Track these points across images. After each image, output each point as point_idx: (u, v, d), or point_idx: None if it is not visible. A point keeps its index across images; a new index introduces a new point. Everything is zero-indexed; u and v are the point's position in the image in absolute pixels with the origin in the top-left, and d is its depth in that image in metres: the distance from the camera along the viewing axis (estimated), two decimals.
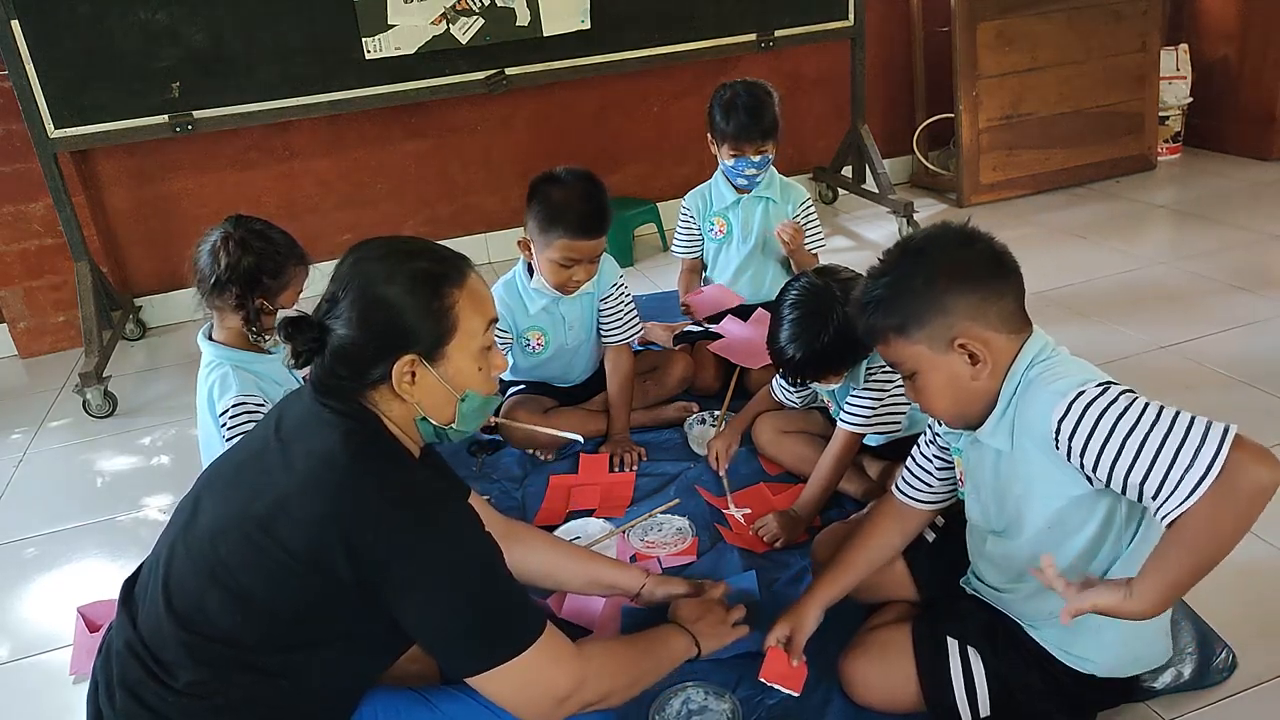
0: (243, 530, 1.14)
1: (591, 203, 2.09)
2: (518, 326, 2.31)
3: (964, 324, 1.25)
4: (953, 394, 1.30)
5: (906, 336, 1.27)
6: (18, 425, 2.92)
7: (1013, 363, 1.27)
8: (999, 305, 1.26)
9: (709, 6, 3.51)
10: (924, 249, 1.29)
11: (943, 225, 1.32)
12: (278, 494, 1.13)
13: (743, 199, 2.61)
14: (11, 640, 1.98)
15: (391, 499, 1.13)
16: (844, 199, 4.25)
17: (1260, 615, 1.65)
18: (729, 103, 2.48)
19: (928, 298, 1.25)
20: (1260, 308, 2.81)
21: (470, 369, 1.25)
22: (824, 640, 1.62)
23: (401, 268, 1.21)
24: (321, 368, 1.22)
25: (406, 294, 1.19)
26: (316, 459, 1.15)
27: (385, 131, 3.65)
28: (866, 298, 1.31)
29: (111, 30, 2.95)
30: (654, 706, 1.53)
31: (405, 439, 1.26)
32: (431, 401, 1.24)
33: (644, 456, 2.28)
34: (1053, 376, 1.23)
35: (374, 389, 1.22)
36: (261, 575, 1.13)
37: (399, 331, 1.19)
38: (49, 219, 3.26)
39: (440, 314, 1.21)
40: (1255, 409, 2.28)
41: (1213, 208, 3.70)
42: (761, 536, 1.94)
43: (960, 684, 1.40)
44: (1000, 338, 1.26)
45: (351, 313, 1.19)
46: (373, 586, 1.12)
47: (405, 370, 1.20)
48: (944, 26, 3.91)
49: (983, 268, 1.27)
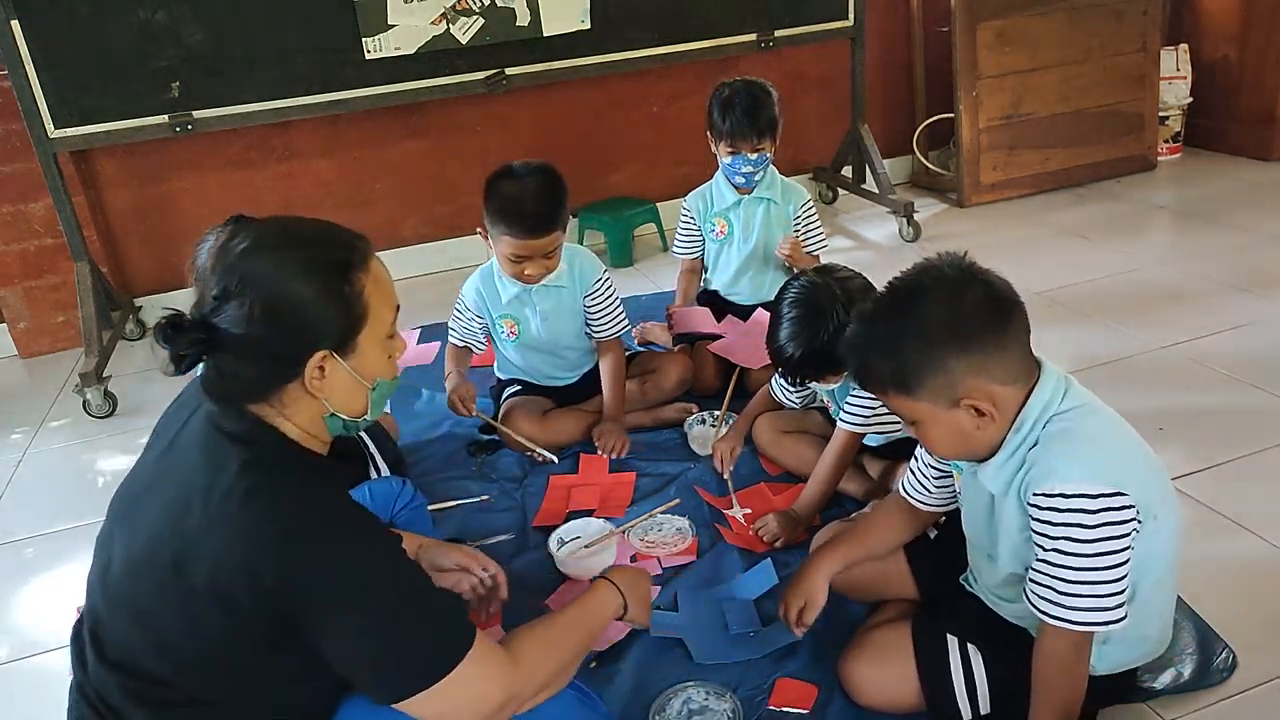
0: (154, 574, 1.08)
1: (539, 202, 2.08)
2: (491, 313, 2.32)
3: (967, 382, 1.21)
4: (956, 443, 1.28)
5: (907, 393, 1.24)
6: (18, 425, 2.92)
7: (1021, 408, 1.24)
8: (1001, 357, 1.22)
9: (709, 6, 3.51)
10: (914, 305, 1.23)
11: (933, 268, 1.25)
12: (182, 534, 1.07)
13: (744, 200, 2.61)
14: (12, 640, 1.98)
15: (293, 530, 1.05)
16: (844, 199, 4.24)
17: (1260, 615, 1.64)
18: (727, 100, 2.48)
19: (925, 358, 1.21)
20: (1260, 308, 2.81)
21: (380, 357, 1.20)
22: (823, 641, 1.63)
23: (303, 257, 1.12)
24: (215, 372, 1.13)
25: (314, 287, 1.10)
26: (216, 495, 1.07)
27: (385, 131, 3.65)
28: (859, 344, 1.27)
29: (111, 30, 2.95)
30: (654, 707, 1.53)
31: (311, 441, 1.18)
32: (342, 396, 1.17)
33: (628, 447, 2.28)
34: (1075, 442, 1.21)
35: (278, 390, 1.13)
36: (180, 619, 1.08)
37: (309, 328, 1.11)
38: (49, 219, 3.25)
39: (351, 301, 1.13)
40: (1255, 409, 2.28)
41: (1213, 208, 3.70)
42: (761, 536, 1.94)
43: (960, 681, 1.40)
44: (1006, 390, 1.23)
45: (251, 311, 1.08)
46: (288, 623, 1.06)
47: (316, 366, 1.12)
48: (944, 26, 3.91)
49: (979, 321, 1.21)
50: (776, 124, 2.50)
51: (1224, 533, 1.86)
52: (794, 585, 1.55)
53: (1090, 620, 1.21)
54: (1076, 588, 1.20)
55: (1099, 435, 1.24)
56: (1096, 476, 1.19)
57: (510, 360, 2.42)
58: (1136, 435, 1.32)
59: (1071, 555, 1.20)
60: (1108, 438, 1.25)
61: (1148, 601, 1.31)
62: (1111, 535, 1.19)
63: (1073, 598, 1.21)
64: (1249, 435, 2.16)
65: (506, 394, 2.43)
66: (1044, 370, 1.27)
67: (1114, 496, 1.18)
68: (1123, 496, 1.19)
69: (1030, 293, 3.10)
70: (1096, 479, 1.19)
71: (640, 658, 1.65)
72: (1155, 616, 1.37)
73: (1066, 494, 1.19)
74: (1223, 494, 1.97)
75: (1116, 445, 1.26)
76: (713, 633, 1.69)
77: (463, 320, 2.35)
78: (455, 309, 2.37)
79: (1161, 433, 2.21)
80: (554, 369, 2.43)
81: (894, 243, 3.71)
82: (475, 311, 2.33)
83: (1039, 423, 1.24)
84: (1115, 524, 1.18)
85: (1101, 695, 1.41)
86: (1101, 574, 1.20)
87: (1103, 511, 1.18)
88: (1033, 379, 1.25)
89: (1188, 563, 1.75)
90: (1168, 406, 2.33)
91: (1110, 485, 1.18)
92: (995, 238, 3.64)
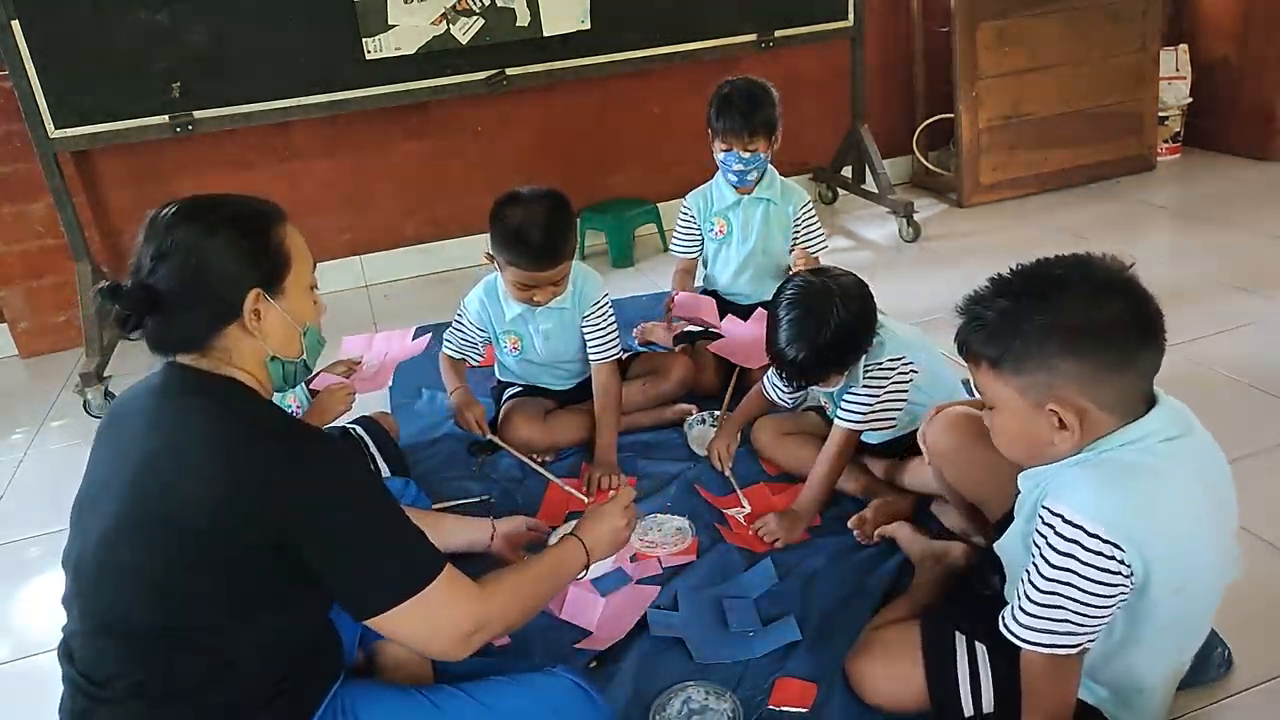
0: (141, 538, 1.13)
1: (545, 233, 2.05)
2: (494, 328, 2.32)
3: (1066, 390, 1.14)
4: (1025, 447, 1.24)
5: (999, 373, 1.18)
6: (18, 425, 2.92)
7: (1106, 436, 1.17)
8: (1117, 381, 1.14)
9: (709, 6, 3.51)
10: (1051, 291, 1.15)
11: (1088, 264, 1.17)
12: (168, 489, 1.13)
13: (743, 200, 2.61)
14: (12, 640, 1.98)
15: (277, 456, 1.14)
16: (844, 199, 4.25)
17: (1260, 615, 1.64)
18: (725, 98, 2.49)
19: (1037, 348, 1.14)
20: (1260, 308, 2.81)
21: (306, 302, 1.31)
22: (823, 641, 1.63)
23: (226, 214, 1.23)
24: (160, 327, 1.21)
25: (238, 235, 1.22)
26: (195, 444, 1.14)
27: (385, 131, 3.65)
28: (972, 312, 1.20)
29: (111, 30, 2.95)
30: (654, 706, 1.53)
31: (262, 390, 1.27)
32: (279, 336, 1.27)
33: (626, 483, 2.20)
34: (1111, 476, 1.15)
35: (221, 335, 1.22)
36: (177, 566, 1.12)
37: (239, 272, 1.21)
38: (49, 219, 3.26)
39: (275, 249, 1.25)
40: (1255, 409, 2.28)
41: (1213, 208, 3.70)
42: (761, 537, 1.94)
43: (965, 677, 1.40)
44: (1102, 414, 1.15)
45: (185, 266, 1.19)
46: (285, 544, 1.12)
47: (252, 306, 1.22)
48: (944, 26, 3.91)
49: (1115, 332, 1.13)
50: (774, 124, 2.50)
51: None
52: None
53: (1039, 642, 1.20)
54: (1038, 607, 1.19)
55: (1144, 489, 1.15)
56: (1105, 518, 1.13)
57: (511, 369, 2.43)
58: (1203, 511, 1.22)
59: (1043, 578, 1.18)
60: (1151, 495, 1.16)
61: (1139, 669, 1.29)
62: (1094, 579, 1.14)
63: (1031, 616, 1.20)
64: (1249, 435, 2.15)
65: (507, 395, 2.43)
66: (1159, 407, 1.19)
67: (1107, 545, 1.12)
68: (1120, 550, 1.12)
69: None
70: (1104, 520, 1.12)
71: (640, 657, 1.65)
72: (1145, 680, 1.32)
73: (1071, 521, 1.14)
74: None
75: (1158, 506, 1.16)
76: (713, 632, 1.69)
77: (463, 332, 2.35)
78: (456, 319, 2.36)
79: None
80: (554, 379, 2.43)
81: (894, 243, 3.71)
82: (478, 325, 2.33)
83: (1109, 448, 1.17)
84: (1101, 570, 1.13)
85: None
86: (1066, 603, 1.16)
87: (1093, 554, 1.13)
88: (1135, 416, 1.17)
89: None
90: None
91: (1114, 534, 1.12)
92: (995, 238, 3.64)
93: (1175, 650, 1.32)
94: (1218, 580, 1.27)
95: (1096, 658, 1.28)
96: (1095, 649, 1.25)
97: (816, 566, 1.84)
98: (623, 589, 1.84)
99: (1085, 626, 1.17)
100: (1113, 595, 1.15)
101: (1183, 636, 1.30)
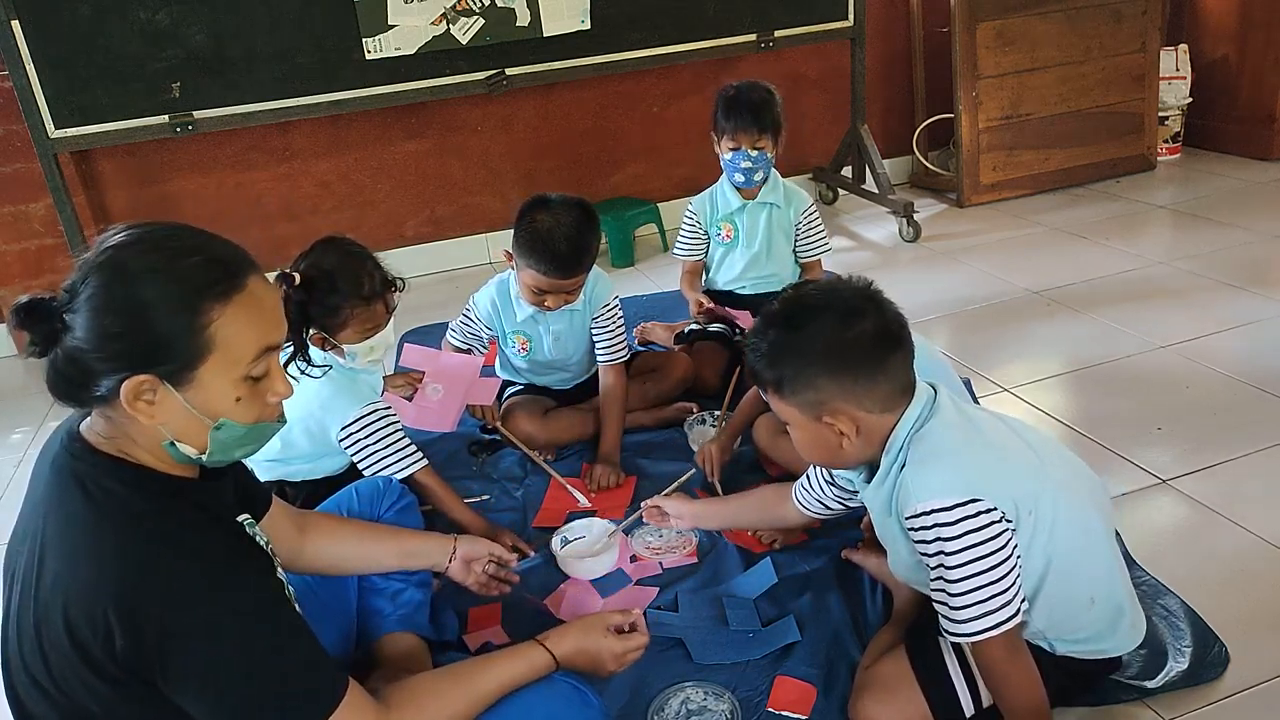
0: (32, 629, 1.02)
1: (570, 244, 2.05)
2: (504, 328, 2.32)
3: (833, 404, 1.28)
4: (822, 453, 1.36)
5: (780, 395, 1.31)
6: (18, 425, 2.92)
7: (891, 433, 1.30)
8: (872, 389, 1.28)
9: (709, 6, 3.51)
10: (805, 320, 1.29)
11: (835, 289, 1.32)
12: (45, 585, 1.00)
13: (748, 205, 2.62)
14: None
15: (131, 567, 0.97)
16: (844, 199, 4.25)
17: (1260, 616, 1.64)
18: (731, 98, 2.52)
19: (801, 372, 1.28)
20: (1260, 308, 2.81)
21: (227, 396, 1.04)
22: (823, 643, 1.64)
23: (157, 264, 1.00)
24: (53, 367, 1.03)
25: (156, 300, 0.98)
26: (72, 536, 1.00)
27: (385, 132, 3.66)
28: (751, 344, 1.34)
29: (111, 30, 2.95)
30: (653, 706, 1.53)
31: (171, 465, 1.07)
32: (177, 426, 1.03)
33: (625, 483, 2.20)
34: (924, 460, 1.27)
35: (101, 405, 1.03)
36: (61, 674, 1.00)
37: (138, 344, 0.99)
38: (49, 219, 3.26)
39: (192, 332, 0.99)
40: (1255, 409, 2.28)
41: (1213, 208, 3.70)
42: (759, 537, 1.94)
43: (959, 678, 1.40)
44: (872, 417, 1.29)
45: (89, 309, 0.98)
46: (140, 673, 0.98)
47: (139, 390, 0.99)
48: (944, 26, 3.91)
49: (861, 351, 1.27)
50: (779, 124, 2.52)
51: (1223, 532, 1.86)
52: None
53: (985, 627, 1.25)
54: (961, 599, 1.25)
55: (949, 447, 1.28)
56: (946, 489, 1.24)
57: (515, 367, 2.43)
58: (1000, 435, 1.35)
59: (948, 569, 1.25)
60: (958, 447, 1.29)
61: (1062, 596, 1.33)
62: (978, 541, 1.23)
63: (962, 610, 1.25)
64: (1248, 435, 2.16)
65: (508, 393, 2.44)
66: (915, 394, 1.32)
67: (968, 504, 1.23)
68: (977, 503, 1.23)
69: (1029, 292, 3.13)
70: (946, 491, 1.24)
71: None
72: (1083, 606, 1.36)
73: (924, 511, 1.25)
74: (1221, 494, 1.97)
75: (966, 453, 1.29)
76: (712, 633, 1.69)
77: (471, 328, 2.35)
78: (463, 315, 2.37)
79: (1160, 432, 2.21)
80: (558, 380, 2.44)
81: (894, 243, 3.71)
82: (486, 323, 2.33)
83: (906, 443, 1.30)
84: (978, 529, 1.23)
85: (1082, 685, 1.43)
86: (979, 579, 1.24)
87: (961, 521, 1.23)
88: (902, 409, 1.31)
89: (1187, 562, 1.78)
90: (1166, 406, 2.33)
91: (962, 494, 1.23)
92: (994, 238, 3.64)
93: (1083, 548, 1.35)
94: (1066, 502, 1.33)
95: (1043, 617, 1.33)
96: (1038, 609, 1.32)
97: (815, 567, 1.84)
98: (622, 590, 1.84)
99: (1007, 589, 1.25)
100: (1008, 544, 1.25)
101: (1071, 564, 1.33)
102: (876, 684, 1.47)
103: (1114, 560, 1.41)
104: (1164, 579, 1.71)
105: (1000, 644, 1.27)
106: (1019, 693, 1.30)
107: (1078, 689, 1.45)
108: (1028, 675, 1.30)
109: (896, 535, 1.37)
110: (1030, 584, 1.31)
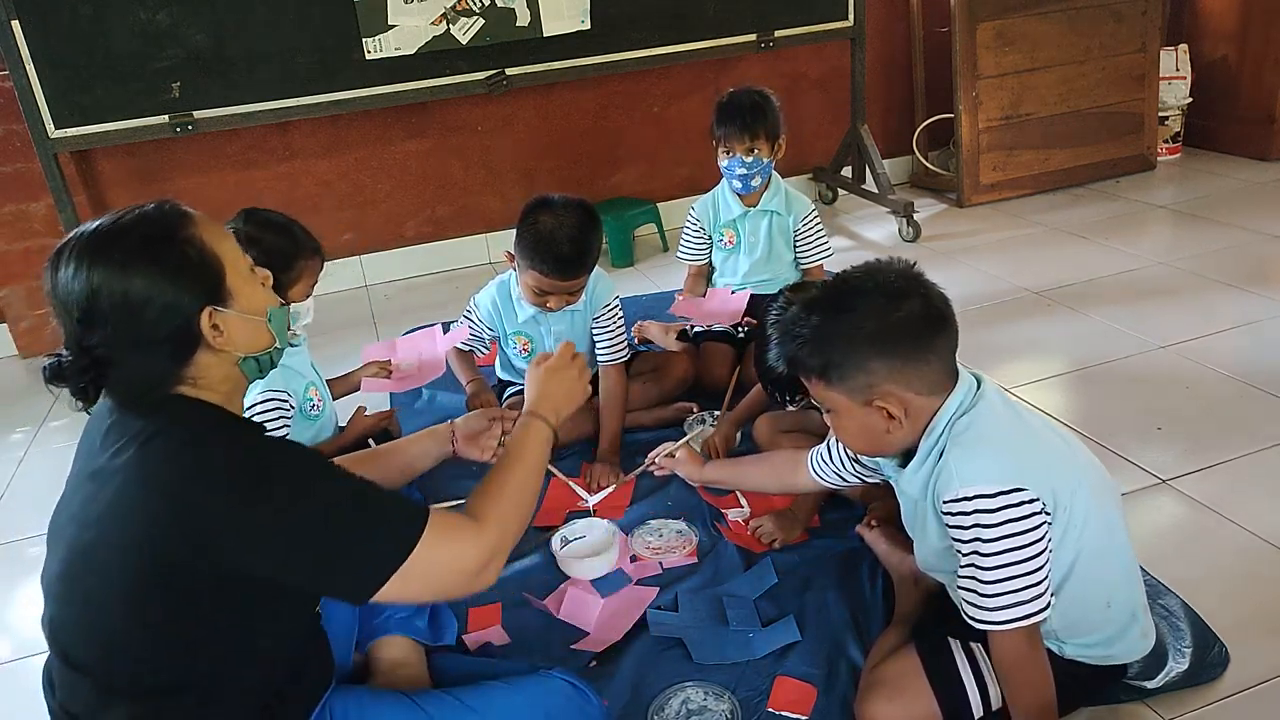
0: (85, 578, 1.09)
1: (573, 245, 2.05)
2: (505, 329, 2.33)
3: (884, 386, 1.27)
4: (867, 440, 1.35)
5: (826, 382, 1.30)
6: (18, 425, 2.92)
7: (934, 417, 1.30)
8: (922, 369, 1.27)
9: (709, 6, 3.51)
10: (852, 303, 1.28)
11: (879, 271, 1.30)
12: (106, 530, 1.07)
13: (749, 212, 2.63)
14: (12, 640, 1.98)
15: (209, 476, 1.06)
16: (844, 199, 4.25)
17: (1260, 615, 1.65)
18: (724, 105, 2.53)
19: (851, 355, 1.27)
20: (1260, 308, 2.81)
21: (255, 290, 1.21)
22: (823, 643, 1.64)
23: (128, 249, 1.09)
24: (121, 384, 1.12)
25: (156, 267, 1.09)
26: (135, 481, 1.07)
27: (385, 131, 3.66)
28: (793, 331, 1.32)
29: (112, 30, 2.95)
30: (653, 706, 1.53)
31: (230, 401, 1.19)
32: (245, 339, 1.18)
33: (626, 482, 2.20)
34: (971, 445, 1.26)
35: (187, 368, 1.13)
36: (133, 607, 1.07)
37: (177, 303, 1.10)
38: (50, 219, 3.26)
39: (199, 259, 1.12)
40: (1255, 409, 2.28)
41: (1213, 208, 3.70)
42: (759, 538, 1.94)
43: (970, 679, 1.40)
44: (920, 399, 1.29)
45: (116, 322, 1.08)
46: (233, 570, 1.06)
47: (209, 324, 1.12)
48: (944, 26, 3.92)
49: (910, 331, 1.26)
50: (775, 130, 2.52)
51: (1223, 532, 1.87)
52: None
53: (1013, 617, 1.25)
54: (993, 587, 1.25)
55: (994, 435, 1.28)
56: (991, 476, 1.24)
57: (516, 368, 2.43)
58: (1041, 428, 1.37)
59: (983, 556, 1.25)
60: (1004, 435, 1.29)
61: (1081, 595, 1.33)
62: (1016, 531, 1.23)
63: (992, 598, 1.25)
64: (1248, 435, 2.16)
65: (508, 393, 2.44)
66: (960, 380, 1.31)
67: (1012, 493, 1.23)
68: (1021, 492, 1.23)
69: (1029, 292, 3.13)
70: (992, 478, 1.24)
71: (640, 657, 1.65)
72: (1100, 607, 1.37)
73: (966, 496, 1.24)
74: (1221, 493, 1.97)
75: (1013, 441, 1.30)
76: (712, 632, 1.69)
77: (472, 328, 2.36)
78: (465, 314, 2.37)
79: (1160, 432, 2.21)
80: None
81: (894, 243, 3.71)
82: (487, 323, 2.34)
83: (947, 429, 1.29)
84: (1018, 519, 1.23)
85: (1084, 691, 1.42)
86: (1013, 569, 1.24)
87: (1003, 509, 1.23)
88: (948, 392, 1.30)
89: (1187, 561, 1.78)
90: (1166, 406, 2.33)
91: (1007, 483, 1.23)
92: (994, 237, 3.64)
93: (1107, 548, 1.35)
94: (1093, 501, 1.33)
95: (1058, 615, 1.32)
96: (1056, 607, 1.29)
97: (815, 567, 1.84)
98: (622, 590, 1.84)
99: (1040, 581, 1.25)
100: (1044, 536, 1.25)
101: (1087, 563, 1.33)
102: (885, 683, 1.47)
103: (1133, 564, 1.42)
104: (1164, 579, 1.71)
105: (1023, 636, 1.27)
106: (1031, 689, 1.30)
107: (1080, 696, 1.44)
108: (1042, 671, 1.30)
109: (928, 521, 1.36)
110: (1055, 579, 1.30)
